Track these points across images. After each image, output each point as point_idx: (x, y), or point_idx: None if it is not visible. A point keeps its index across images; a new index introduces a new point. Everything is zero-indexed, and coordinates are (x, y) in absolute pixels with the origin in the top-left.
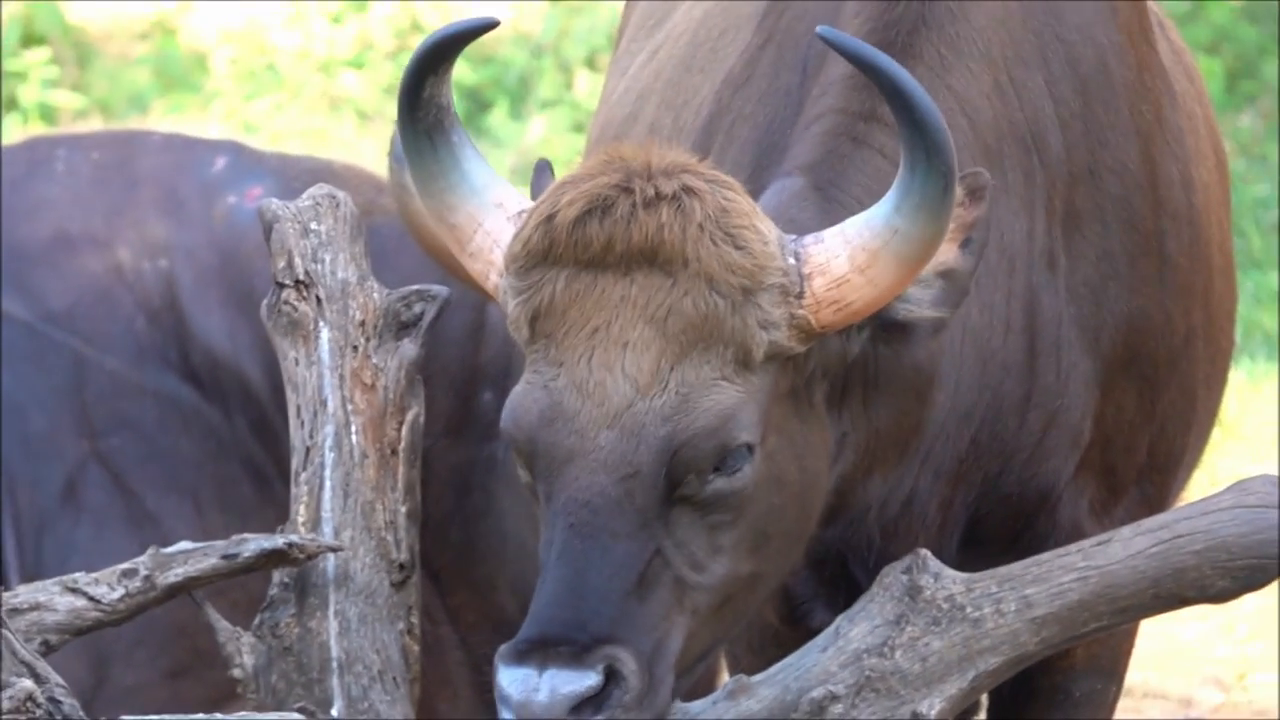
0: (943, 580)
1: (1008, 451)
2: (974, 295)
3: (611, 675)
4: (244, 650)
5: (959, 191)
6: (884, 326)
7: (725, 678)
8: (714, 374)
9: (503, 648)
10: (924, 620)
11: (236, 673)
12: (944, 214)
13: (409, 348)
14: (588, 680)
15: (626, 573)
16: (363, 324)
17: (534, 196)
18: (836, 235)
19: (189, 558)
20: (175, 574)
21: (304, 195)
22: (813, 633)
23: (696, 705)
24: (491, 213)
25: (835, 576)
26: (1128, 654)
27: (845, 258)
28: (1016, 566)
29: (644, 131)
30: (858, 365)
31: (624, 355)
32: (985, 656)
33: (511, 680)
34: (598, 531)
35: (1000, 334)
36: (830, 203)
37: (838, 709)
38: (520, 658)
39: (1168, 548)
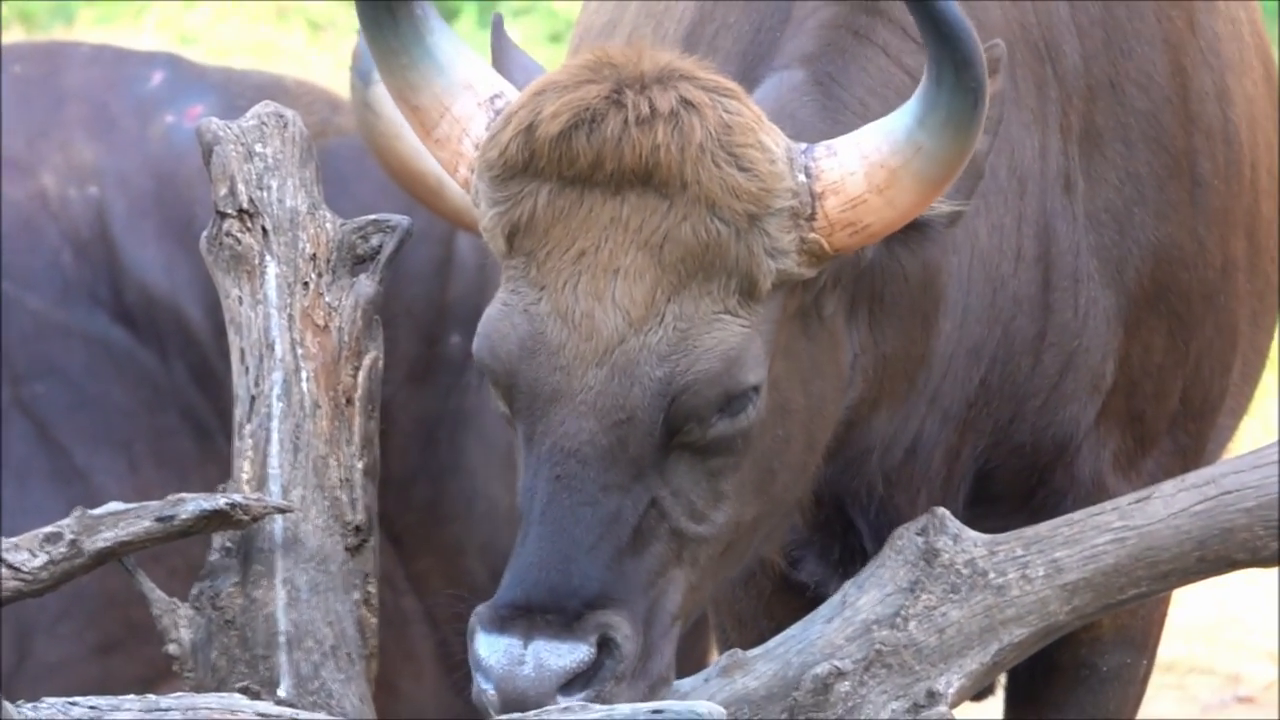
0: (962, 542)
1: (1020, 395)
2: (982, 213)
3: (604, 644)
4: (181, 623)
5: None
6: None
7: (715, 655)
8: (715, 307)
9: (480, 609)
10: (941, 587)
11: (172, 648)
12: (973, 132)
13: (366, 284)
14: (579, 654)
15: (619, 529)
16: (314, 258)
17: (494, 58)
18: (851, 148)
19: (120, 520)
20: (105, 538)
21: (248, 114)
22: (806, 594)
23: (687, 683)
24: (460, 95)
25: (831, 521)
26: (1160, 624)
27: (862, 175)
28: (1045, 527)
29: (623, 41)
30: (865, 277)
31: (614, 283)
32: (1010, 627)
33: (492, 650)
34: (586, 484)
35: (1011, 261)
36: (832, 100)
37: (844, 686)
38: (503, 625)
39: (1214, 505)
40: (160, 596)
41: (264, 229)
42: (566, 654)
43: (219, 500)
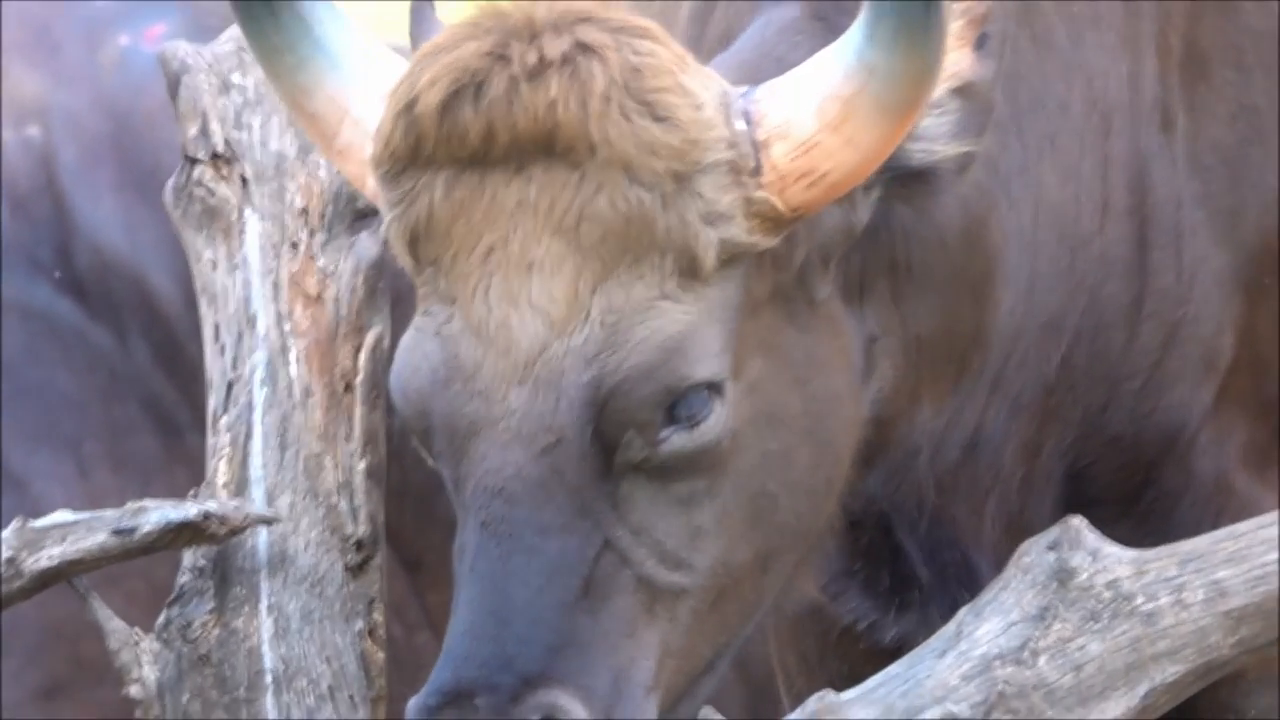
0: (1103, 559)
1: (1114, 377)
2: (1047, 157)
3: None
4: (144, 659)
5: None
6: (898, 179)
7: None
8: (650, 293)
9: (413, 700)
10: (1078, 614)
11: (134, 690)
12: (932, 40)
13: (369, 244)
14: None
15: (564, 581)
16: (304, 212)
17: (412, 35)
18: (797, 83)
19: (68, 533)
20: (50, 555)
21: (222, 37)
22: (869, 635)
23: None
24: (360, 93)
25: (876, 546)
26: None
27: (812, 112)
28: (1203, 541)
29: None
30: (876, 244)
31: (530, 281)
32: (1162, 664)
33: None
34: (519, 528)
35: (1094, 215)
36: (836, 34)
37: None
38: (430, 714)
39: None
40: (119, 626)
41: (243, 177)
42: None
43: (189, 509)
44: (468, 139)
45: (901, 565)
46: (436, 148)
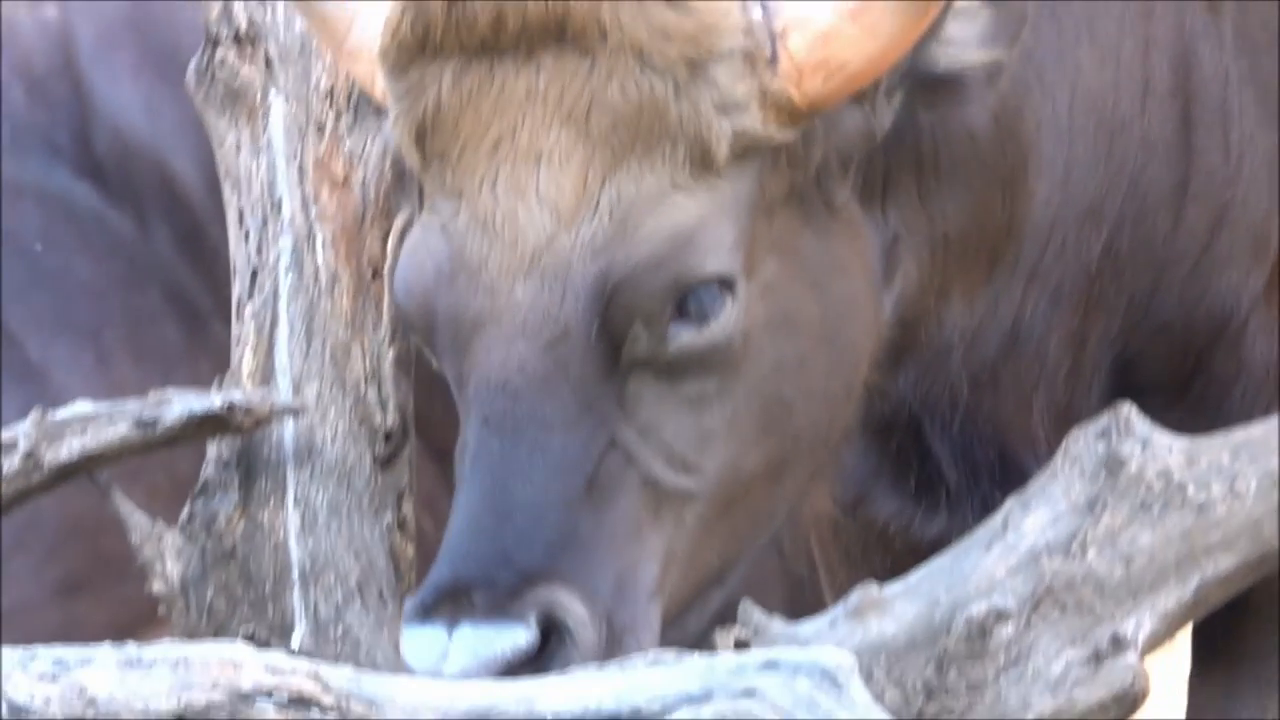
0: (1154, 448)
1: (1160, 261)
2: (1084, 42)
3: (551, 628)
4: (168, 555)
5: None
6: (922, 84)
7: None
8: (661, 183)
9: (409, 601)
10: (1128, 505)
11: (157, 586)
12: None
13: None
14: (514, 637)
15: (567, 479)
16: (331, 94)
17: None
18: None
19: (89, 425)
20: (69, 448)
21: None
22: (903, 535)
23: (808, 627)
24: None
25: (905, 449)
26: None
27: (830, 1)
28: (1258, 429)
29: None
30: (901, 142)
31: (538, 172)
32: (1215, 556)
33: (414, 646)
34: (522, 423)
35: (1134, 98)
36: None
37: (1006, 630)
38: (427, 613)
39: None
40: (141, 521)
41: (267, 58)
42: (498, 638)
43: (213, 400)
44: (476, 26)
45: (928, 467)
46: (445, 36)
